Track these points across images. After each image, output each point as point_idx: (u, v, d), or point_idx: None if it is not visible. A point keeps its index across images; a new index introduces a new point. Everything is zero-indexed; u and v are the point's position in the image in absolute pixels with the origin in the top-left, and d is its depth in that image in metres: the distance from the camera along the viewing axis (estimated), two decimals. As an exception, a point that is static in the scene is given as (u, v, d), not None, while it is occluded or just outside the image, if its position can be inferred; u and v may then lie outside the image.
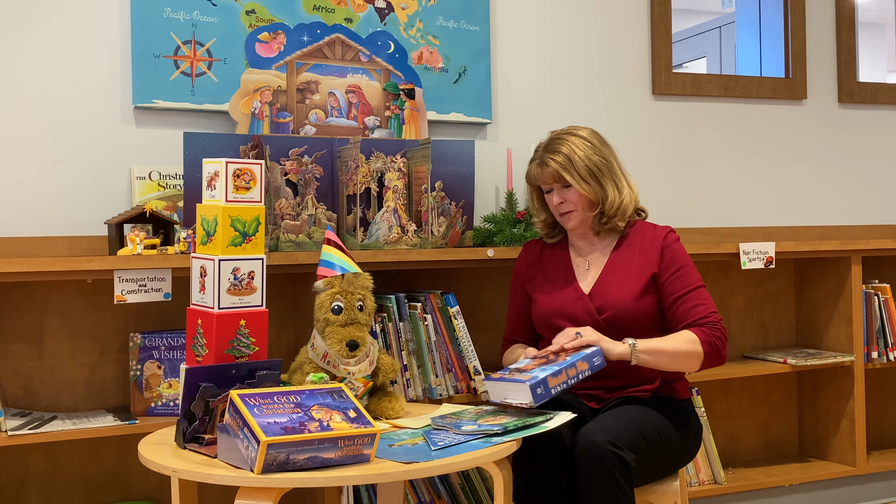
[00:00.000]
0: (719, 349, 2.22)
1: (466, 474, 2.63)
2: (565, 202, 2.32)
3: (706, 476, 3.04)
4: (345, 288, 2.11)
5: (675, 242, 2.34)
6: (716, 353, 2.22)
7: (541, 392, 2.00)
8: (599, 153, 2.32)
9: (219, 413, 1.89)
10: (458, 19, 2.91)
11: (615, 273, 2.32)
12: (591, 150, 2.32)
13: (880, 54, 5.76)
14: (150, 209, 2.39)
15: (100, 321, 2.51)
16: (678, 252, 2.32)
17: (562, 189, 2.32)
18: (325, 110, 2.74)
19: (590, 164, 2.30)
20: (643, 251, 2.32)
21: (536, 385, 2.00)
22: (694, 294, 2.27)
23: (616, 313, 2.26)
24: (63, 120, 2.51)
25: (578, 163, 2.29)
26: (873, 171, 3.63)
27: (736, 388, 3.34)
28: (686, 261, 2.32)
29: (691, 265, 2.32)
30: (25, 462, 2.43)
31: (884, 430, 3.57)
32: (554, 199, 2.33)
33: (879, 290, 3.27)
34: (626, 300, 2.27)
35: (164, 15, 2.57)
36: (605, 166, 2.32)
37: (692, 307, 2.25)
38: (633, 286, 2.28)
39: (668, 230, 2.36)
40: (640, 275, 2.29)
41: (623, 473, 2.01)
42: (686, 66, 6.06)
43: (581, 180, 2.29)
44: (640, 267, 2.30)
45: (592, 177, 2.30)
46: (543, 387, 2.01)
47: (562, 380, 2.05)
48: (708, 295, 2.29)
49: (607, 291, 2.30)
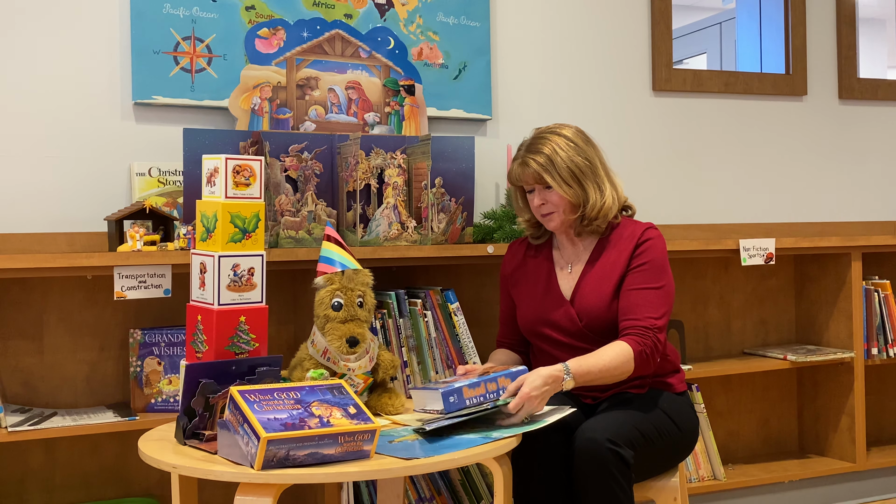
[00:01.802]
0: (648, 357, 2.16)
1: (466, 470, 2.64)
2: (546, 203, 2.26)
3: (706, 472, 3.04)
4: (345, 284, 2.11)
5: (652, 239, 2.26)
6: (644, 362, 2.16)
7: (453, 400, 1.98)
8: (583, 154, 2.26)
9: (219, 409, 1.89)
10: (458, 15, 2.91)
11: (592, 276, 2.28)
12: (573, 150, 2.25)
13: (881, 50, 5.75)
14: (150, 205, 2.39)
15: (100, 317, 2.51)
16: (651, 248, 2.25)
17: (543, 190, 2.26)
18: (324, 106, 2.73)
19: (572, 165, 2.23)
20: (620, 250, 2.27)
21: (449, 393, 1.99)
22: (645, 293, 2.20)
23: (593, 319, 2.23)
24: (63, 116, 2.51)
25: (560, 164, 2.22)
26: (873, 167, 3.63)
27: (736, 385, 3.34)
28: (655, 258, 2.24)
29: (660, 265, 2.24)
30: (25, 458, 2.44)
31: (883, 426, 3.57)
32: (535, 199, 2.28)
33: (879, 286, 3.27)
34: (600, 305, 2.23)
35: (164, 11, 2.57)
36: (588, 168, 2.25)
37: (635, 305, 2.19)
38: (607, 289, 2.24)
39: (648, 226, 2.29)
40: (613, 275, 2.25)
41: (622, 470, 2.01)
42: (686, 62, 6.05)
43: (562, 182, 2.22)
44: (614, 267, 2.26)
45: (574, 179, 2.23)
46: (457, 396, 1.99)
47: (479, 392, 2.02)
48: (660, 300, 2.20)
49: (585, 296, 2.26)
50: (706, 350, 3.31)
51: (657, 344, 2.17)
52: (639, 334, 2.15)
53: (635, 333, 2.16)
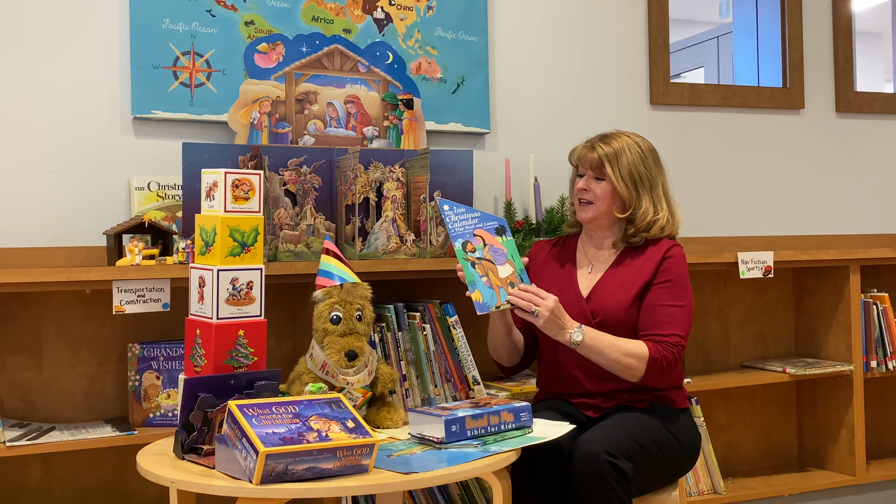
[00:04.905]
0: (663, 369, 2.18)
1: (465, 485, 2.63)
2: (589, 191, 2.33)
3: (706, 486, 3.03)
4: (343, 298, 2.11)
5: (677, 257, 2.32)
6: (657, 372, 2.18)
7: (455, 430, 1.96)
8: (648, 167, 2.33)
9: (217, 423, 1.89)
10: (456, 30, 2.92)
11: (615, 279, 2.32)
12: (641, 159, 2.32)
13: (877, 64, 5.77)
14: (149, 219, 2.39)
15: (98, 332, 2.50)
16: (675, 265, 2.30)
17: (592, 179, 2.33)
18: (323, 120, 2.74)
19: (634, 169, 2.31)
20: (645, 260, 2.32)
21: (452, 422, 1.97)
22: (669, 310, 2.24)
23: (607, 318, 2.26)
24: (62, 130, 2.51)
25: (623, 162, 2.30)
26: (871, 180, 3.64)
27: (735, 398, 3.33)
28: (679, 276, 2.29)
29: (684, 283, 2.29)
30: (23, 473, 2.43)
31: (883, 439, 3.56)
32: (580, 183, 2.35)
33: (878, 299, 3.27)
34: (619, 307, 2.27)
35: (164, 26, 2.58)
36: (649, 181, 2.32)
37: (660, 321, 2.23)
38: (628, 293, 2.28)
39: (675, 243, 2.35)
40: (637, 282, 2.29)
41: (620, 482, 2.01)
42: (684, 76, 6.08)
43: (620, 177, 2.29)
44: (638, 275, 2.30)
45: (632, 181, 2.31)
46: (459, 425, 1.97)
47: (481, 424, 2.01)
48: (684, 318, 2.25)
49: (604, 296, 2.30)
50: (705, 363, 3.30)
51: (676, 359, 2.21)
52: (662, 344, 2.19)
53: (659, 342, 2.20)
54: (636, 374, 2.18)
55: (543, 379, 2.43)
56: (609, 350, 2.17)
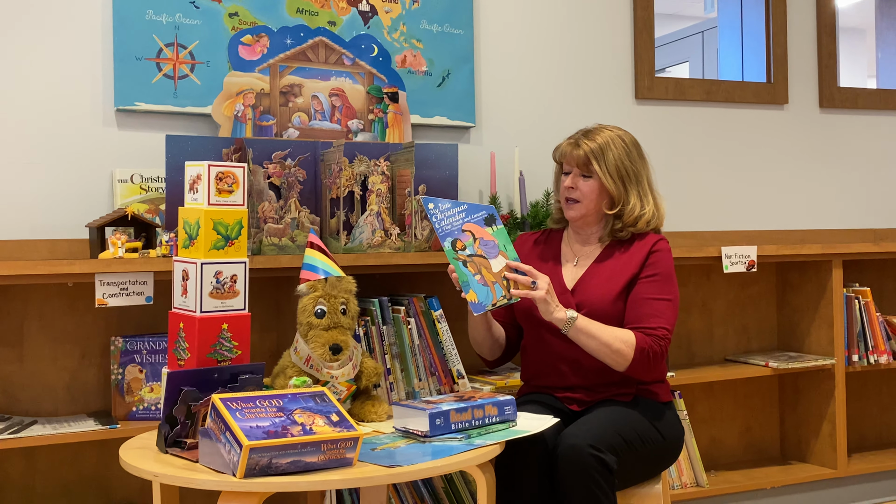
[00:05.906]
0: (650, 360, 2.19)
1: (450, 478, 2.63)
2: (576, 190, 2.33)
3: (689, 479, 3.05)
4: (328, 291, 2.10)
5: (664, 251, 2.33)
6: (644, 363, 2.19)
7: (439, 423, 1.96)
8: (633, 161, 2.33)
9: (201, 417, 1.88)
10: (441, 23, 2.92)
11: (601, 272, 2.33)
12: (626, 153, 2.32)
13: (861, 60, 5.80)
14: (132, 212, 2.37)
15: (81, 325, 2.49)
16: (662, 259, 2.31)
17: (579, 177, 2.33)
18: (308, 113, 2.73)
19: (620, 164, 2.31)
20: (632, 254, 2.33)
21: (436, 416, 1.97)
22: (656, 304, 2.25)
23: (592, 310, 2.26)
24: (44, 122, 2.49)
25: (610, 158, 2.30)
26: (854, 175, 3.66)
27: (718, 392, 3.35)
28: (665, 270, 2.30)
29: (670, 277, 2.31)
30: (5, 467, 2.41)
31: (864, 432, 3.59)
32: (567, 181, 2.35)
33: (860, 293, 3.30)
34: (605, 300, 2.28)
35: (147, 17, 2.56)
36: (635, 175, 2.33)
37: (647, 314, 2.24)
38: (615, 287, 2.29)
39: (661, 237, 2.36)
40: (623, 276, 2.30)
41: (604, 475, 2.02)
42: (668, 70, 6.08)
43: (607, 173, 2.29)
44: (625, 268, 2.31)
45: (619, 177, 2.31)
46: (444, 419, 1.97)
47: (466, 418, 2.01)
48: (670, 311, 2.26)
49: (589, 289, 2.31)
50: (689, 357, 3.32)
51: (663, 352, 2.22)
52: (649, 336, 2.20)
53: (647, 334, 2.21)
54: (624, 361, 2.18)
55: (528, 372, 2.43)
56: (601, 332, 2.18)
